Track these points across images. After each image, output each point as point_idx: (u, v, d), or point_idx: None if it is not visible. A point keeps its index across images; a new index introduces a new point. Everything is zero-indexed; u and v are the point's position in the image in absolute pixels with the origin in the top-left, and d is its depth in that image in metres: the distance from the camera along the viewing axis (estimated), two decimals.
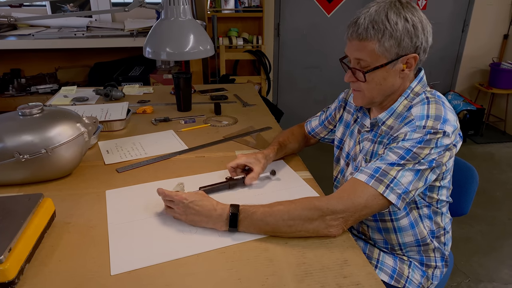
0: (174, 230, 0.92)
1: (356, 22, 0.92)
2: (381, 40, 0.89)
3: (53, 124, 1.08)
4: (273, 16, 3.35)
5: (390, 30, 0.88)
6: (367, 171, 0.89)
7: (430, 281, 1.08)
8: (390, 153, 0.89)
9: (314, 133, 1.32)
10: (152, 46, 1.18)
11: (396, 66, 0.93)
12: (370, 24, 0.89)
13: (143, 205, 1.01)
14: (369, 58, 0.92)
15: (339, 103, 1.23)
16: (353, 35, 0.92)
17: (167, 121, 1.59)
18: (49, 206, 0.92)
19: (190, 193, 0.93)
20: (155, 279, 0.77)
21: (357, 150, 1.09)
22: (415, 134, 0.88)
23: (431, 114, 0.90)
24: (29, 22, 2.86)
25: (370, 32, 0.89)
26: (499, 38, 3.67)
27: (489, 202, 2.59)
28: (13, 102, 2.70)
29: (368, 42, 0.90)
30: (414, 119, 0.91)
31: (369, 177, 0.87)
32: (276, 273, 0.79)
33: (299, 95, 3.67)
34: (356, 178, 0.89)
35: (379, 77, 0.94)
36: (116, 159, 1.26)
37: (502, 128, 3.68)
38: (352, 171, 1.09)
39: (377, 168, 0.88)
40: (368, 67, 0.93)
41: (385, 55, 0.91)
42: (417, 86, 0.98)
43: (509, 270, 2.02)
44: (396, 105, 0.98)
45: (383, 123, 1.00)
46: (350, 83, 1.01)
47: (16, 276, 0.75)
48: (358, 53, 0.93)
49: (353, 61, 0.95)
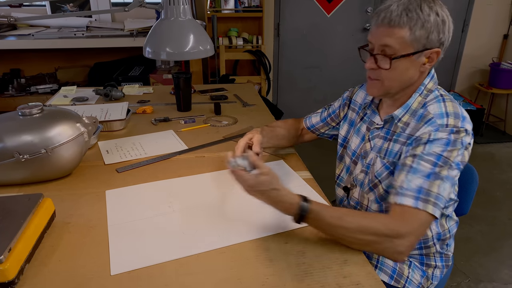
0: (174, 230, 0.92)
1: (389, 8, 0.91)
2: (412, 28, 0.89)
3: (53, 124, 1.08)
4: (273, 16, 3.35)
5: (423, 20, 0.89)
6: (409, 193, 0.86)
7: (430, 281, 1.08)
8: (421, 162, 0.88)
9: (314, 129, 1.31)
10: (152, 46, 1.18)
11: (420, 58, 0.93)
12: (404, 12, 0.89)
13: (143, 205, 1.01)
14: (398, 45, 0.91)
15: (343, 101, 1.22)
16: (385, 21, 0.91)
17: (167, 121, 1.59)
18: (49, 206, 0.92)
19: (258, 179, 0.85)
20: (155, 279, 0.77)
21: (367, 148, 1.08)
22: (439, 134, 0.89)
23: (450, 112, 0.92)
24: (29, 22, 2.86)
25: (404, 18, 0.89)
26: (499, 38, 3.67)
27: (489, 202, 2.59)
28: (13, 102, 2.70)
29: (399, 29, 0.90)
30: (434, 117, 0.92)
31: (415, 199, 0.85)
32: (276, 273, 0.79)
33: (299, 95, 3.67)
34: (402, 204, 0.86)
35: (402, 66, 0.93)
36: (116, 159, 1.26)
37: (502, 128, 3.68)
38: (363, 168, 1.08)
39: (419, 188, 0.86)
40: (394, 55, 0.92)
41: (413, 45, 0.91)
42: (429, 83, 0.99)
43: (509, 270, 2.02)
44: (411, 101, 0.98)
45: (399, 119, 0.99)
46: (368, 72, 0.99)
47: (16, 276, 0.75)
48: (387, 39, 0.91)
49: (378, 48, 0.94)
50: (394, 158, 0.99)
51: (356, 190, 1.11)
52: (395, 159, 0.98)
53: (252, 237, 0.89)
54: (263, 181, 0.84)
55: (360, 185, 1.09)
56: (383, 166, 1.00)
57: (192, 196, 1.05)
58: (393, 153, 0.99)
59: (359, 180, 1.10)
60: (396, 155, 0.98)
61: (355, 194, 1.12)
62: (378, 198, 1.04)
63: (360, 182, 1.09)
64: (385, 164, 1.00)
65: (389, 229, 0.82)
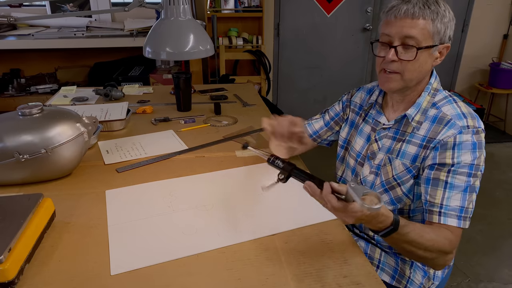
0: (174, 230, 0.91)
1: (410, 2, 0.92)
2: (434, 21, 0.91)
3: (53, 124, 1.08)
4: (273, 16, 3.35)
5: (441, 14, 0.92)
6: (453, 213, 0.91)
7: (432, 281, 1.08)
8: (457, 176, 0.91)
9: (316, 136, 1.27)
10: (152, 46, 1.18)
11: (435, 52, 0.96)
12: (426, 5, 0.91)
13: (143, 205, 1.01)
14: (421, 36, 0.92)
15: (344, 103, 1.21)
16: (408, 12, 0.91)
17: (167, 121, 1.59)
18: (49, 206, 0.92)
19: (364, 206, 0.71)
20: (155, 279, 0.77)
21: (374, 149, 1.07)
22: (464, 136, 0.91)
23: (465, 113, 0.95)
24: (29, 22, 2.86)
25: (427, 11, 0.91)
26: (499, 38, 3.67)
27: (489, 202, 2.59)
28: (13, 102, 2.70)
29: (424, 20, 0.91)
30: (453, 119, 0.94)
31: (458, 219, 0.91)
32: (276, 273, 0.79)
33: (299, 95, 3.67)
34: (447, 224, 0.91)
35: (423, 58, 0.94)
36: (116, 159, 1.26)
37: (502, 128, 3.68)
38: (372, 169, 1.07)
39: (461, 208, 0.91)
40: (418, 45, 0.93)
41: (433, 38, 0.93)
42: (435, 82, 1.01)
43: (509, 270, 2.02)
44: (421, 100, 0.99)
45: (413, 119, 0.99)
46: (384, 65, 0.97)
47: (16, 276, 0.75)
48: (411, 30, 0.92)
49: (399, 40, 0.94)
50: (415, 161, 0.98)
51: None
52: (418, 163, 0.98)
53: (252, 237, 0.89)
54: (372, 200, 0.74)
55: (370, 186, 1.08)
56: (406, 170, 1.00)
57: (192, 196, 1.05)
58: (410, 156, 0.99)
59: (368, 182, 1.09)
60: (416, 158, 0.98)
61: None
62: (395, 199, 1.03)
63: (371, 184, 1.08)
64: (408, 167, 0.99)
65: (450, 246, 0.89)
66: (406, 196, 1.02)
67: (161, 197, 1.05)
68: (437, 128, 0.95)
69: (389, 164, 1.03)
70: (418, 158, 0.98)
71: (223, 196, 1.06)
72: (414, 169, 0.99)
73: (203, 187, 1.10)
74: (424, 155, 0.96)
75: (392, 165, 1.02)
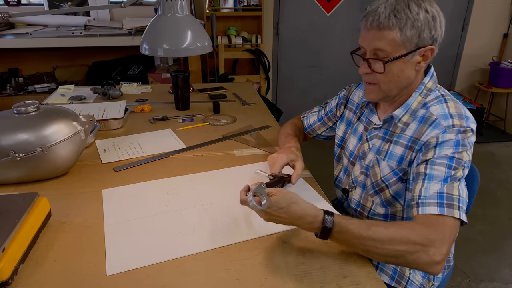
0: (172, 230, 0.90)
1: (376, 11, 0.88)
2: (403, 29, 0.87)
3: (49, 123, 1.06)
4: (272, 15, 3.34)
5: (412, 19, 0.87)
6: (431, 201, 0.83)
7: (432, 282, 1.07)
8: (435, 167, 0.86)
9: (310, 130, 1.29)
10: (149, 42, 1.16)
11: (413, 57, 0.91)
12: (392, 13, 0.87)
13: (140, 204, 1.00)
14: (389, 48, 0.89)
15: (340, 100, 1.20)
16: (373, 24, 0.89)
17: (165, 119, 1.58)
18: (45, 205, 0.91)
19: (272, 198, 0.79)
20: (151, 279, 0.76)
21: (365, 148, 1.06)
22: (447, 135, 0.87)
23: (453, 113, 0.90)
24: (27, 21, 2.85)
25: (392, 20, 0.87)
26: (499, 37, 3.66)
27: (489, 202, 2.58)
28: (11, 101, 2.68)
29: (389, 31, 0.88)
30: (438, 119, 0.90)
31: (439, 206, 0.82)
32: (275, 273, 0.78)
33: (299, 94, 3.66)
34: (426, 213, 0.82)
35: (397, 68, 0.92)
36: (113, 158, 1.25)
37: (502, 127, 3.67)
38: (362, 170, 1.06)
39: (439, 194, 0.83)
40: (387, 58, 0.90)
41: (405, 45, 0.89)
42: (429, 82, 0.98)
43: (509, 269, 2.00)
44: (411, 101, 0.97)
45: (399, 119, 0.97)
46: (363, 76, 0.98)
47: (9, 277, 0.73)
48: (378, 43, 0.89)
49: (370, 52, 0.92)
50: (402, 163, 0.96)
51: (357, 192, 1.10)
52: (404, 165, 0.96)
53: (251, 237, 0.88)
54: (279, 199, 0.79)
55: (362, 187, 1.07)
56: (392, 172, 0.98)
57: (190, 195, 1.04)
58: (396, 157, 0.97)
59: (360, 182, 1.08)
60: (402, 160, 0.96)
61: (355, 196, 1.10)
62: (384, 202, 1.02)
63: (362, 184, 1.07)
64: (394, 170, 0.98)
65: (421, 236, 0.77)
66: (396, 200, 1.00)
67: (158, 196, 1.04)
68: (423, 128, 0.92)
69: (377, 165, 1.01)
70: (404, 160, 0.95)
71: (222, 195, 1.05)
72: (400, 171, 0.97)
73: (201, 186, 1.09)
74: (410, 158, 0.94)
75: (380, 166, 1.01)
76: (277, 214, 0.79)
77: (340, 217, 0.80)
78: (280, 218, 0.80)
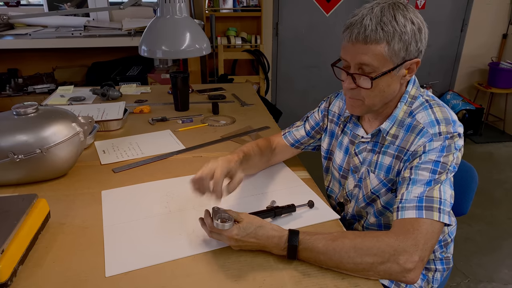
0: (171, 231, 0.90)
1: (362, 23, 0.83)
2: (390, 42, 0.82)
3: (48, 124, 1.07)
4: (272, 15, 3.34)
5: (399, 32, 0.82)
6: (410, 205, 0.80)
7: (431, 284, 1.07)
8: (419, 172, 0.84)
9: (298, 144, 1.20)
10: (147, 44, 1.16)
11: (400, 71, 0.87)
12: (379, 25, 0.82)
13: (139, 205, 1.00)
14: (376, 63, 0.84)
15: (322, 112, 1.15)
16: (359, 37, 0.83)
17: (164, 120, 1.58)
18: (44, 206, 0.91)
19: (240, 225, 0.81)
20: (150, 280, 0.76)
21: (356, 162, 1.03)
22: (435, 143, 0.85)
23: (440, 119, 0.87)
24: (26, 22, 2.85)
25: (380, 33, 0.82)
26: (498, 38, 3.67)
27: (488, 202, 2.59)
28: (10, 102, 2.68)
29: (377, 45, 0.83)
30: (425, 127, 0.88)
31: (417, 210, 0.79)
32: (274, 274, 0.78)
33: (298, 94, 3.66)
34: (404, 218, 0.80)
35: (384, 83, 0.87)
36: (113, 159, 1.25)
37: (501, 127, 3.67)
38: (356, 183, 1.04)
39: (419, 198, 0.81)
40: (373, 73, 0.85)
41: (392, 60, 0.84)
42: (412, 89, 0.94)
43: (508, 270, 2.01)
44: (397, 112, 0.93)
45: (387, 133, 0.94)
46: (346, 91, 0.93)
47: (8, 278, 0.73)
48: (364, 57, 0.84)
49: (354, 67, 0.87)
50: (390, 174, 0.94)
51: (351, 205, 1.08)
52: (392, 175, 0.94)
53: None
54: (246, 224, 0.81)
55: (355, 200, 1.06)
56: (380, 183, 0.97)
57: (189, 197, 1.04)
58: (384, 167, 0.95)
59: (354, 195, 1.06)
60: (390, 170, 0.94)
61: (350, 209, 1.09)
62: (376, 213, 1.01)
63: (355, 197, 1.06)
64: (382, 181, 0.96)
65: (389, 245, 0.75)
66: (387, 210, 0.99)
67: (157, 197, 1.04)
68: (410, 137, 0.90)
69: (368, 177, 0.99)
70: (392, 170, 0.94)
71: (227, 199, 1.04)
72: (389, 182, 0.95)
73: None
74: (398, 168, 0.92)
75: (370, 178, 0.99)
76: (246, 239, 0.80)
77: (305, 234, 0.80)
78: (250, 243, 0.81)
